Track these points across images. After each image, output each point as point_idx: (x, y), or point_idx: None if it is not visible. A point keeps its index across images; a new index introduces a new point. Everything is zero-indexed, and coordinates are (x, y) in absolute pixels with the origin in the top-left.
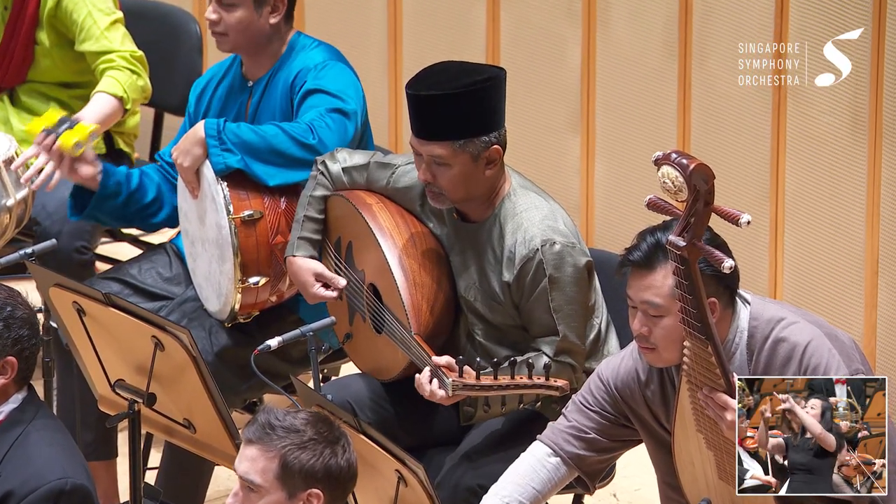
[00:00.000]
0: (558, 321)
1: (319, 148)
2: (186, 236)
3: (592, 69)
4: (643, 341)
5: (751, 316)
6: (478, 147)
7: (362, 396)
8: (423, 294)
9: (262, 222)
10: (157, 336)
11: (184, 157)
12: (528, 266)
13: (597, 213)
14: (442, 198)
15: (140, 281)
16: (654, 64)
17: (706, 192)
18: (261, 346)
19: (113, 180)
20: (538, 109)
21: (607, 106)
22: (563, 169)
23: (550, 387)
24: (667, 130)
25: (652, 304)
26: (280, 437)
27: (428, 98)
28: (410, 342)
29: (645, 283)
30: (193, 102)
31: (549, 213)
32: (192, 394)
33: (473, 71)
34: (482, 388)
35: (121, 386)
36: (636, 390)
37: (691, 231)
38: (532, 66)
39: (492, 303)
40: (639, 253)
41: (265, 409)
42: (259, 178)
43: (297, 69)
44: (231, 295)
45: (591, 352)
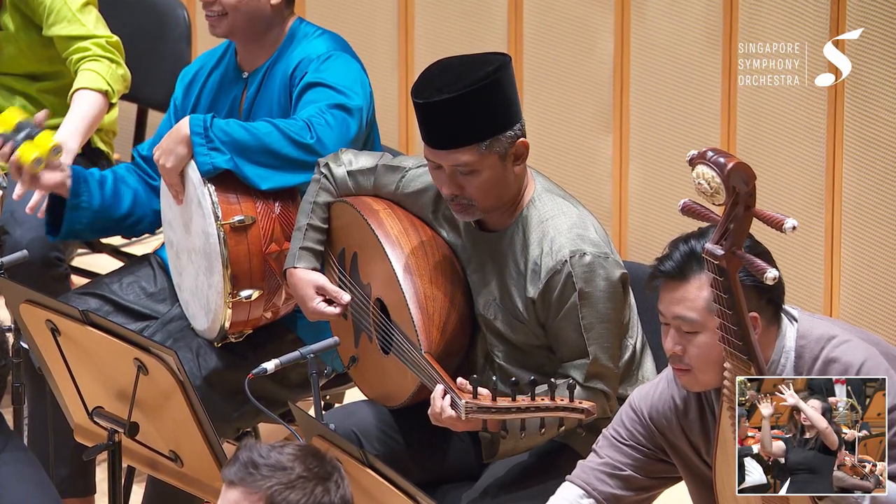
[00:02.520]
0: (589, 341)
1: (318, 148)
2: (171, 247)
3: (626, 60)
4: (677, 362)
5: (798, 334)
6: (504, 144)
7: (369, 426)
8: (434, 309)
9: (255, 229)
10: (140, 358)
11: (166, 156)
12: (556, 280)
13: (631, 220)
14: (472, 209)
15: (121, 297)
16: (695, 54)
17: (746, 195)
18: (256, 370)
19: (84, 186)
20: (565, 105)
21: (642, 101)
22: (593, 172)
23: (575, 409)
24: (709, 129)
25: (685, 319)
26: (265, 477)
27: (445, 102)
28: (420, 362)
29: (677, 296)
30: (181, 94)
31: (579, 220)
32: (179, 423)
33: (478, 63)
34: (499, 411)
35: (99, 414)
36: (673, 420)
37: (730, 238)
38: (559, 57)
39: (514, 321)
40: (671, 263)
41: (246, 446)
42: (250, 180)
43: (298, 59)
44: (220, 311)
45: (625, 375)
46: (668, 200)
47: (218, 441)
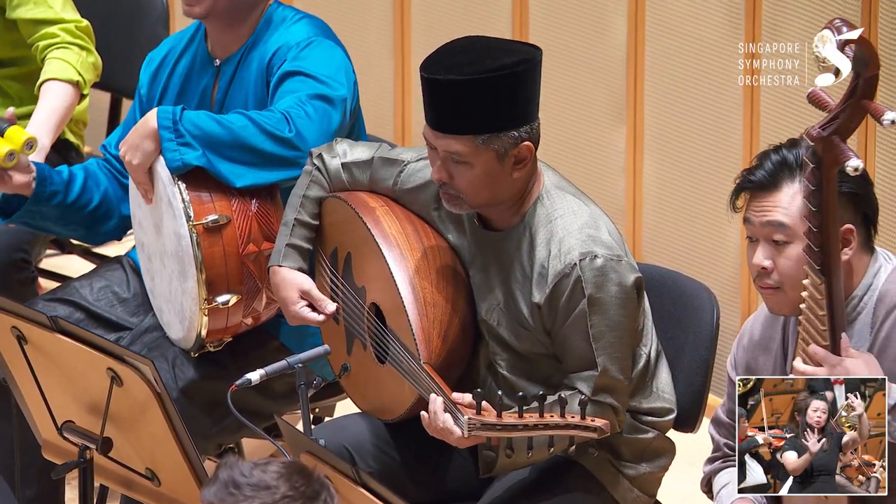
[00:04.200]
0: (598, 351)
1: (297, 142)
2: (142, 250)
3: (640, 45)
4: (765, 278)
5: (889, 278)
6: (505, 144)
7: (363, 441)
8: (435, 316)
9: (230, 229)
10: (114, 368)
11: (133, 153)
12: (564, 284)
13: (645, 219)
14: (459, 201)
15: (93, 304)
16: (717, 36)
17: (864, 84)
18: (239, 381)
19: (49, 189)
20: (575, 94)
21: (659, 89)
22: (604, 167)
23: (587, 427)
24: (731, 119)
25: (778, 224)
26: (248, 497)
27: (447, 84)
28: (419, 374)
29: (770, 203)
30: (146, 83)
31: (590, 219)
32: (156, 438)
33: (504, 51)
34: (504, 429)
35: (69, 429)
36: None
37: (835, 125)
38: (567, 42)
39: (518, 328)
40: (762, 172)
41: (228, 464)
42: (224, 178)
43: (276, 46)
44: (196, 318)
45: (638, 387)
46: (687, 198)
47: (198, 458)
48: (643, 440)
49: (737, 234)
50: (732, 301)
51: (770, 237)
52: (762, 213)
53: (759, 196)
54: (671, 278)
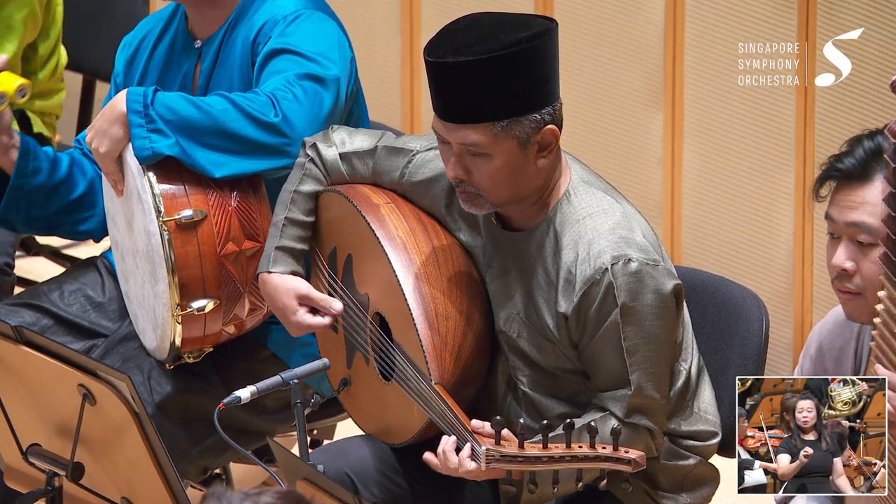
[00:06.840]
0: (631, 367)
1: (283, 127)
2: (116, 248)
3: (680, 23)
4: (845, 281)
5: None
6: (526, 129)
7: (366, 467)
8: (447, 329)
9: (206, 226)
10: (86, 385)
11: (100, 139)
12: (594, 292)
13: (685, 217)
14: (480, 200)
15: (63, 309)
16: (766, 12)
17: None
18: (227, 399)
19: (33, 164)
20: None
21: (699, 72)
22: (639, 158)
23: (620, 459)
24: (782, 104)
25: (864, 226)
26: None
27: (457, 66)
28: (429, 395)
29: (857, 199)
30: (122, 70)
31: (623, 219)
32: (133, 463)
33: (515, 25)
34: (526, 461)
35: (36, 453)
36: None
37: None
38: (599, 20)
39: (541, 340)
40: (851, 160)
41: (213, 494)
42: (201, 168)
43: (261, 22)
44: (168, 326)
45: (677, 407)
46: (730, 192)
47: (181, 486)
48: (683, 467)
49: (789, 233)
50: (784, 310)
51: (854, 237)
52: (846, 209)
53: (845, 188)
54: (714, 284)
